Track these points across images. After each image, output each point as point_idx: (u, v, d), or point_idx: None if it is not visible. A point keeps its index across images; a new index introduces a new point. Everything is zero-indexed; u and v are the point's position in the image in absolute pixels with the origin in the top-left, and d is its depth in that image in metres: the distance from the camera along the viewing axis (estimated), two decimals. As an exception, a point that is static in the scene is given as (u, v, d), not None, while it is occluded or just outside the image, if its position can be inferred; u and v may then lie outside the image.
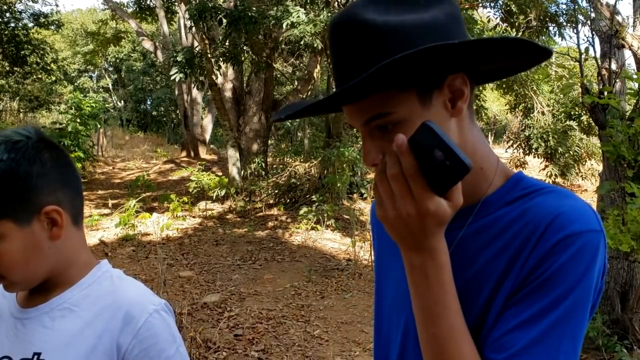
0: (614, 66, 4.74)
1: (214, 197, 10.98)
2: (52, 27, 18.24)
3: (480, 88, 14.74)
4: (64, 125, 13.23)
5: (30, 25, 17.17)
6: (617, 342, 4.33)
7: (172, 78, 10.95)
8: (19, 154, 1.05)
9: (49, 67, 18.14)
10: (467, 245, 0.89)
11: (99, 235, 8.80)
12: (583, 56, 4.96)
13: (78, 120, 13.01)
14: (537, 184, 0.89)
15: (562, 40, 11.66)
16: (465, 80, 0.86)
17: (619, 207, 4.27)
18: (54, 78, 20.27)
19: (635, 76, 4.40)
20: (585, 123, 12.02)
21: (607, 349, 4.28)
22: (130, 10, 19.29)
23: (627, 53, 4.86)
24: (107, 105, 23.88)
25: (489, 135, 28.08)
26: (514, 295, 0.81)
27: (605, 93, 4.41)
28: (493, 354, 0.79)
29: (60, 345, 1.07)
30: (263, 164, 11.95)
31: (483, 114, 16.53)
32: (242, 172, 11.81)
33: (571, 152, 11.66)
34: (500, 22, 10.94)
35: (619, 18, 4.87)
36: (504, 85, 13.78)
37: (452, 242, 0.89)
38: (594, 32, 4.88)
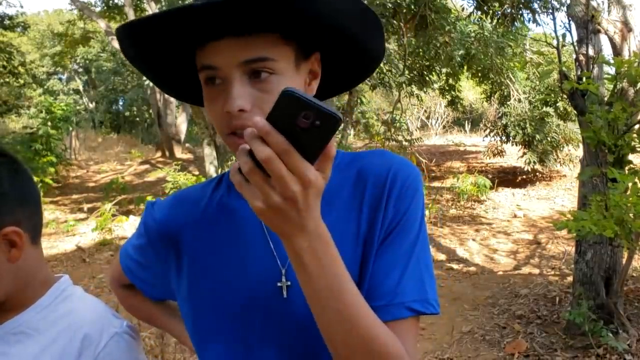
0: (591, 52, 4.71)
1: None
2: (18, 30, 17.80)
3: (455, 78, 14.80)
4: (34, 129, 12.99)
5: (-5, 28, 16.77)
6: (602, 326, 4.31)
7: (144, 77, 10.75)
8: None
9: (16, 71, 17.76)
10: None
11: (76, 241, 8.64)
12: (560, 42, 4.93)
13: (49, 123, 12.78)
14: (349, 153, 1.00)
15: (536, 26, 11.72)
16: (319, 64, 0.95)
17: (602, 193, 4.26)
18: (22, 82, 19.82)
19: (612, 61, 4.38)
20: (562, 109, 12.09)
21: (593, 334, 4.28)
22: (98, 9, 18.92)
23: (603, 38, 4.83)
24: (78, 108, 23.49)
25: (466, 123, 28.25)
26: (384, 240, 0.89)
27: (584, 79, 4.39)
28: (379, 301, 0.85)
29: None
30: (240, 161, 11.80)
31: (459, 104, 16.58)
32: (220, 170, 11.68)
33: (549, 139, 11.71)
34: (475, 11, 10.93)
35: (593, 3, 4.85)
36: (479, 74, 13.80)
37: None
38: (569, 18, 4.85)
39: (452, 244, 8.29)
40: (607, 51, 5.03)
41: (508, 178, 13.36)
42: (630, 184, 3.81)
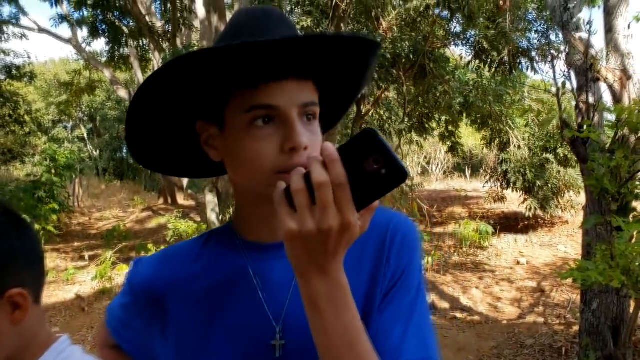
0: (591, 99, 4.75)
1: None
2: (25, 79, 18.08)
3: (455, 125, 14.93)
4: (38, 177, 13.02)
5: (2, 77, 17.02)
6: (612, 379, 4.22)
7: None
8: None
9: (22, 119, 17.95)
10: None
11: (75, 290, 8.55)
12: (560, 90, 4.98)
13: (53, 171, 12.82)
14: None
15: (534, 74, 11.88)
16: None
17: (607, 242, 4.22)
18: (27, 130, 20.03)
19: (612, 108, 4.41)
20: (562, 155, 12.13)
21: (602, 386, 4.17)
22: (103, 59, 19.28)
23: (603, 86, 4.88)
24: (82, 155, 23.65)
25: (467, 169, 28.32)
26: (386, 296, 0.89)
27: (585, 126, 4.41)
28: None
29: None
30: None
31: (459, 150, 16.65)
32: (221, 217, 11.64)
33: (549, 185, 11.72)
34: (473, 59, 11.10)
35: (592, 51, 4.91)
36: (478, 121, 13.92)
37: None
38: (568, 66, 4.91)
39: (455, 292, 8.18)
40: (608, 98, 5.09)
41: (510, 224, 13.30)
42: (635, 232, 3.77)
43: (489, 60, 10.49)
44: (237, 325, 0.91)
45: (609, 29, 4.82)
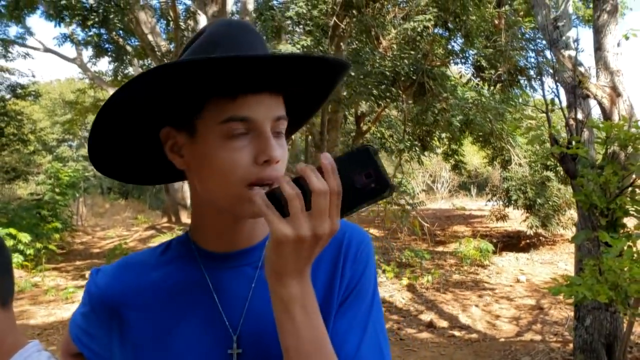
0: (580, 116, 4.77)
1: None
2: (30, 98, 18.28)
3: (458, 143, 14.93)
4: (41, 195, 13.09)
5: (8, 97, 17.21)
6: (606, 397, 4.18)
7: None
8: None
9: (26, 138, 18.10)
10: None
11: (74, 308, 8.55)
12: (549, 107, 5.01)
13: (56, 190, 12.88)
14: None
15: (533, 92, 11.94)
16: None
17: (595, 257, 4.21)
18: (32, 148, 20.19)
19: (601, 125, 4.43)
20: (562, 173, 12.12)
21: (596, 404, 4.13)
22: (108, 78, 19.47)
23: (593, 102, 4.90)
24: (87, 174, 23.77)
25: (472, 187, 28.24)
26: (341, 305, 0.90)
27: (574, 143, 4.43)
28: None
29: None
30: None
31: (462, 169, 16.66)
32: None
33: (550, 203, 11.70)
34: (472, 77, 11.16)
35: (581, 69, 4.95)
36: (481, 139, 13.93)
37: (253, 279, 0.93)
38: (557, 83, 4.94)
39: (454, 310, 8.14)
40: (598, 115, 5.11)
41: (512, 242, 13.25)
42: (625, 247, 3.77)
43: (489, 78, 10.55)
44: (195, 334, 0.91)
45: (599, 47, 4.86)
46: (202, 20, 12.34)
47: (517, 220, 14.00)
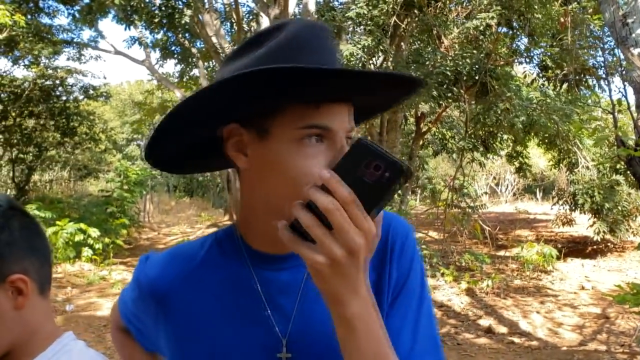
0: (649, 117, 4.56)
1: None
2: (101, 99, 19.04)
3: (522, 145, 14.53)
4: (110, 192, 13.60)
5: (81, 97, 17.99)
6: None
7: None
8: None
9: (97, 137, 18.85)
10: None
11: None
12: (617, 107, 4.81)
13: (125, 187, 13.35)
14: None
15: (603, 92, 11.47)
16: None
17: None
18: (103, 147, 21.02)
19: (672, 127, 4.23)
20: (632, 177, 11.61)
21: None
22: (175, 80, 20.02)
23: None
24: (154, 172, 24.55)
25: (538, 191, 27.49)
26: (393, 302, 0.91)
27: (641, 145, 4.24)
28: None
29: None
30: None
31: (527, 171, 16.21)
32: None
33: (619, 208, 11.19)
34: (537, 77, 10.84)
35: (651, 68, 4.72)
36: (546, 141, 13.52)
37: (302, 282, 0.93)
38: (626, 83, 4.74)
39: (514, 317, 7.92)
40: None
41: (578, 248, 12.77)
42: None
43: (555, 78, 10.21)
44: (240, 335, 0.92)
45: (671, 44, 4.62)
46: (265, 22, 12.49)
47: (583, 225, 13.48)
